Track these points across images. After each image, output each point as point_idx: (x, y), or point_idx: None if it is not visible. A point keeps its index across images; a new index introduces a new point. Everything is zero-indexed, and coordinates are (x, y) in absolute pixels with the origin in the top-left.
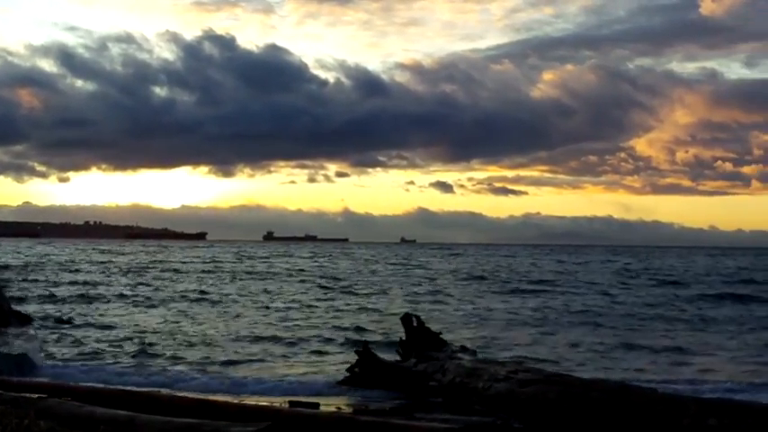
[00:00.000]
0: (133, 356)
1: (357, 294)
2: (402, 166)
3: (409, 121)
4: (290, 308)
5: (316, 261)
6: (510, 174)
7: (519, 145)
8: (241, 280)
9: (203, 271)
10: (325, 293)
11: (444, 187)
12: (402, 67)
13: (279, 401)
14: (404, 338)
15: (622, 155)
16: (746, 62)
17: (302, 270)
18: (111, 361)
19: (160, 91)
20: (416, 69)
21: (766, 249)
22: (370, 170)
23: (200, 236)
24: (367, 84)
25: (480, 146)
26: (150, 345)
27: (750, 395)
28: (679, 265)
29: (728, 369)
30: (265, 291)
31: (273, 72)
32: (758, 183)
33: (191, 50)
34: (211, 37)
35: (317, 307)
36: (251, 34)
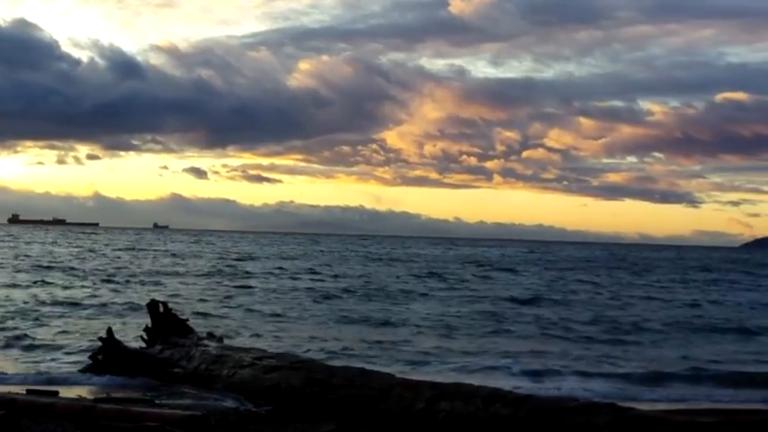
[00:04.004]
0: None
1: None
2: (156, 151)
3: (164, 106)
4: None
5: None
6: (265, 161)
7: (274, 133)
8: None
9: None
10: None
11: (199, 173)
12: (157, 49)
13: (17, 389)
14: (150, 325)
15: (374, 146)
16: (492, 61)
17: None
18: None
19: None
20: (172, 53)
21: (505, 241)
22: (122, 153)
23: None
24: (121, 65)
25: (236, 133)
26: None
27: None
28: None
29: None
30: None
31: (21, 48)
32: (499, 177)
33: None
34: None
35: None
36: None
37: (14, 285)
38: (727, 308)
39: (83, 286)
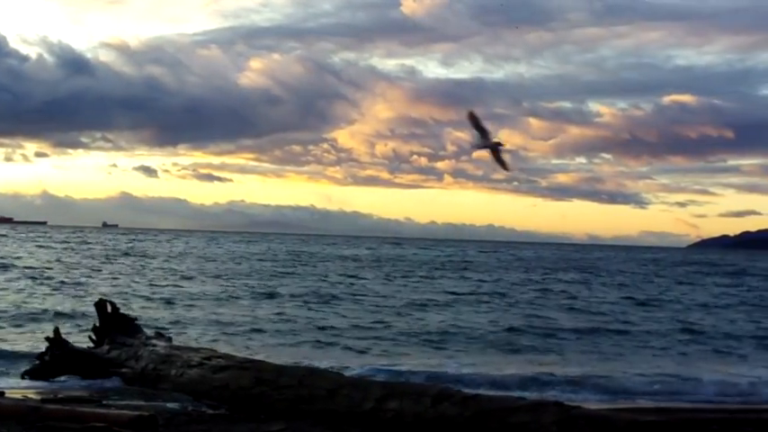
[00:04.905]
0: None
1: None
2: (105, 149)
3: (114, 103)
4: None
5: None
6: (216, 160)
7: (225, 132)
8: None
9: None
10: None
11: (149, 171)
12: (107, 46)
13: None
14: (98, 325)
15: (325, 146)
16: (443, 61)
17: None
18: None
19: None
20: (122, 50)
21: (454, 241)
22: (71, 151)
23: None
24: (70, 62)
25: (187, 131)
26: None
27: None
28: None
29: None
30: None
31: None
32: (450, 178)
33: None
34: None
35: None
36: None
37: None
38: (679, 308)
39: (31, 283)
